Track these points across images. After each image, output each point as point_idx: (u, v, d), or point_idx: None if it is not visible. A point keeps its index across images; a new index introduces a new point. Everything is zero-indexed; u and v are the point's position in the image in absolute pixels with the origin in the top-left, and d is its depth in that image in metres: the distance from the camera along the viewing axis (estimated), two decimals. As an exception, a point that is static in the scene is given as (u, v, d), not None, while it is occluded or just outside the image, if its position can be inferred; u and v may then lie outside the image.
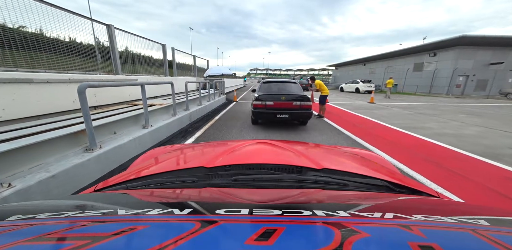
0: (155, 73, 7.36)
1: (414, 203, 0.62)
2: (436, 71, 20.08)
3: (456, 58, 18.39)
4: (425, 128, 5.57)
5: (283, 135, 4.74)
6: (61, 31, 3.74)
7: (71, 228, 0.38)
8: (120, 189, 0.77)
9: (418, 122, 6.32)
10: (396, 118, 6.84)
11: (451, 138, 4.53)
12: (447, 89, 19.12)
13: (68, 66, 3.94)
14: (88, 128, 2.47)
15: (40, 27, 3.42)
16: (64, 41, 3.85)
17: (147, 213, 0.44)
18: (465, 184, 2.53)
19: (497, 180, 2.62)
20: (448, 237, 0.36)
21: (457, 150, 3.77)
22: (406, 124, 5.98)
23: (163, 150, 1.41)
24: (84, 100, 2.38)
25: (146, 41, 6.78)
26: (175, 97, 5.00)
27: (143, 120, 3.84)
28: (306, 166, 0.86)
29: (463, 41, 17.00)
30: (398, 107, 9.51)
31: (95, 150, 2.58)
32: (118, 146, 2.88)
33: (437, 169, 2.95)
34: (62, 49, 3.79)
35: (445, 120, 6.68)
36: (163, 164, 1.00)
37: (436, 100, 13.64)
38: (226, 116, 6.98)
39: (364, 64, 32.78)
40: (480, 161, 3.25)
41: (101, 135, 2.98)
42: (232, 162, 0.89)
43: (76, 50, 4.06)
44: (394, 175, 0.89)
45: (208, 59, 13.21)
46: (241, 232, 0.36)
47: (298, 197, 0.64)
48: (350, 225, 0.38)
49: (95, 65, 4.61)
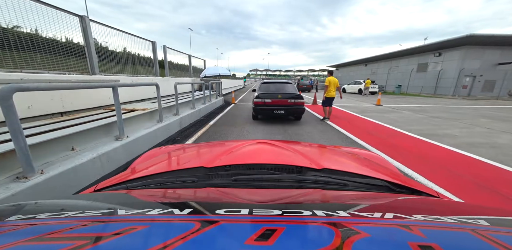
0: (144, 74, 6.65)
1: (414, 203, 0.62)
2: (441, 71, 19.42)
3: (463, 58, 17.73)
4: (448, 135, 4.86)
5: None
6: (21, 22, 3.03)
7: (71, 228, 0.38)
8: (120, 189, 0.76)
9: (438, 128, 5.61)
10: (412, 124, 6.13)
11: (489, 150, 3.81)
12: (453, 90, 18.45)
13: (23, 63, 3.21)
14: (20, 147, 1.74)
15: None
16: (21, 33, 3.14)
17: (147, 213, 0.44)
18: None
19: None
20: (448, 237, 0.36)
21: (507, 168, 3.03)
22: (425, 130, 5.27)
23: (163, 150, 1.38)
24: (10, 109, 1.67)
25: (133, 38, 6.07)
26: (161, 101, 4.27)
27: (117, 129, 3.11)
28: (306, 166, 0.85)
29: (470, 40, 16.35)
30: (408, 110, 8.81)
31: (32, 177, 1.85)
32: (71, 169, 2.15)
33: (506, 201, 2.23)
34: (15, 43, 3.07)
35: (467, 125, 5.97)
36: (163, 164, 1.00)
37: (445, 102, 12.95)
38: (222, 121, 6.25)
39: (365, 64, 32.15)
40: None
41: (50, 153, 2.25)
42: (232, 162, 0.88)
43: (37, 45, 3.34)
44: (394, 175, 0.89)
45: (205, 59, 12.51)
46: (241, 232, 0.36)
47: (298, 197, 0.64)
48: (350, 225, 0.39)
49: (65, 64, 3.89)
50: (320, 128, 5.54)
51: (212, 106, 8.45)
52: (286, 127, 5.55)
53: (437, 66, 19.96)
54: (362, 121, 6.57)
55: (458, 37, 16.32)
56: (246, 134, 4.81)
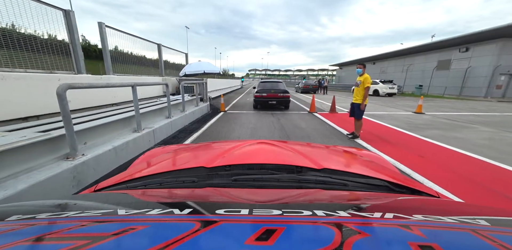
0: (64, 69, 3.87)
1: (414, 203, 0.62)
2: (469, 69, 16.73)
3: (498, 53, 15.02)
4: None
5: None
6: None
7: (71, 228, 0.38)
8: (120, 189, 0.75)
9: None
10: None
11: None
12: (485, 91, 15.74)
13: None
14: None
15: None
16: None
17: (147, 213, 0.44)
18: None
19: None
20: (448, 237, 0.36)
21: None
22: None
23: (163, 150, 1.36)
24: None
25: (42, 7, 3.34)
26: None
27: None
28: (306, 166, 0.84)
29: (509, 31, 13.67)
30: (477, 124, 5.96)
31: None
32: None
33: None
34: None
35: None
36: (163, 164, 0.98)
37: (493, 107, 10.21)
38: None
39: (373, 63, 29.46)
40: None
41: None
42: (232, 162, 0.88)
43: None
44: (394, 175, 0.88)
45: (187, 53, 9.66)
46: (241, 232, 0.35)
47: (298, 197, 0.64)
48: (350, 225, 0.38)
49: None
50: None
51: (188, 118, 5.67)
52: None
53: (463, 63, 17.27)
54: (426, 147, 3.82)
55: (493, 28, 13.63)
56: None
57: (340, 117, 7.04)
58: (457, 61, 17.89)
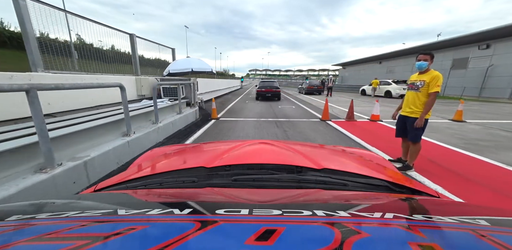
0: None
1: (414, 203, 0.61)
2: (490, 68, 15.20)
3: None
4: None
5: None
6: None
7: (71, 228, 0.37)
8: (120, 189, 0.75)
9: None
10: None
11: None
12: (510, 92, 14.22)
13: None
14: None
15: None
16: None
17: (147, 213, 0.43)
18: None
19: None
20: (448, 237, 0.36)
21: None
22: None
23: (163, 150, 1.35)
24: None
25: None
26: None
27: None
28: (306, 166, 0.84)
29: (539, 26, 12.17)
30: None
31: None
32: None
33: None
34: None
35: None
36: (163, 164, 0.98)
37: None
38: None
39: (379, 62, 27.93)
40: None
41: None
42: (232, 162, 0.87)
43: None
44: (394, 175, 0.88)
45: (174, 48, 8.11)
46: (241, 232, 0.35)
47: (298, 197, 0.64)
48: (350, 225, 0.38)
49: None
50: None
51: (157, 135, 4.15)
52: None
53: (484, 62, 15.72)
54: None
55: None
56: None
57: (362, 127, 5.51)
58: (475, 60, 16.35)
